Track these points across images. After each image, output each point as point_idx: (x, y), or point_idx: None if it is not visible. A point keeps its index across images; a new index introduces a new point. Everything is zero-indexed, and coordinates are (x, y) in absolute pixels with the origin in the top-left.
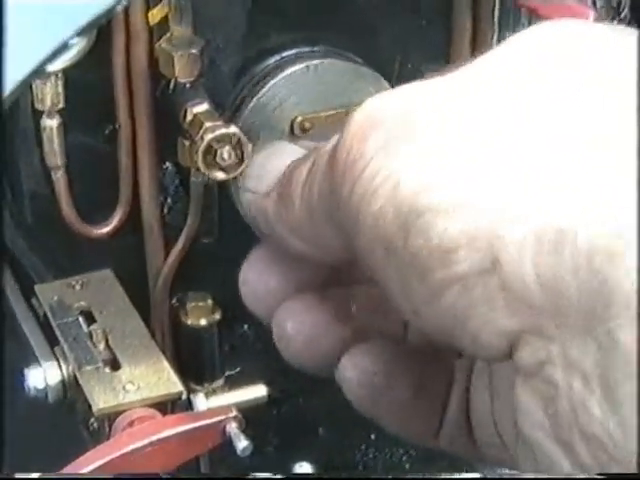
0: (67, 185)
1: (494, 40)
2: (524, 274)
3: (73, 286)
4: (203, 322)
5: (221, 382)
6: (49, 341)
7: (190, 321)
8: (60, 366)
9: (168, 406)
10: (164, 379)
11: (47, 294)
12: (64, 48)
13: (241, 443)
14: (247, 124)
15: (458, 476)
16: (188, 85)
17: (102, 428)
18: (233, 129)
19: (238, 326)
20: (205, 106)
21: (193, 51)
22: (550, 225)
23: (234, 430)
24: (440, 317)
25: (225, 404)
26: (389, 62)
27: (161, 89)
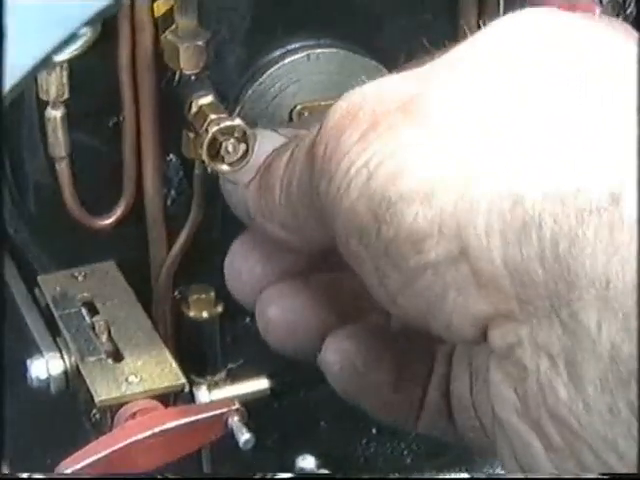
0: (71, 176)
1: None
2: (492, 261)
3: (76, 277)
4: (205, 314)
5: (223, 375)
6: (52, 332)
7: (192, 313)
8: (63, 357)
9: (170, 398)
10: (166, 371)
11: (50, 285)
12: (72, 38)
13: (243, 436)
14: (246, 112)
15: (456, 476)
16: (193, 77)
17: (104, 419)
18: (238, 121)
19: (240, 319)
20: (210, 98)
21: (198, 43)
22: (516, 212)
23: (236, 423)
24: (415, 304)
25: (227, 397)
26: (395, 57)
27: (166, 81)
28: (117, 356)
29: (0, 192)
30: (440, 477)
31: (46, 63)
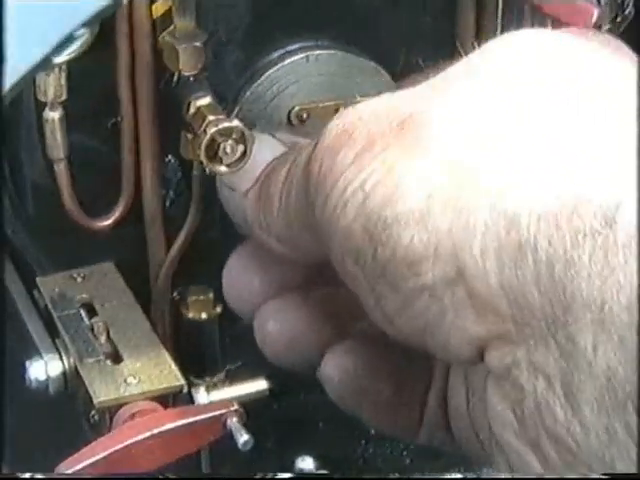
0: (69, 177)
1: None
2: (488, 283)
3: (75, 278)
4: (204, 316)
5: (222, 376)
6: (50, 333)
7: (191, 315)
8: (61, 358)
9: (169, 399)
10: (165, 372)
11: (49, 286)
12: (70, 40)
13: (242, 437)
14: (244, 113)
15: (455, 476)
16: (191, 78)
17: (103, 421)
18: (236, 123)
19: (239, 320)
20: (208, 99)
21: (196, 44)
22: (511, 234)
23: (235, 424)
24: (412, 325)
25: (226, 398)
26: (394, 58)
27: (164, 82)
28: (116, 357)
29: (1, 198)
30: (437, 477)
31: (44, 64)
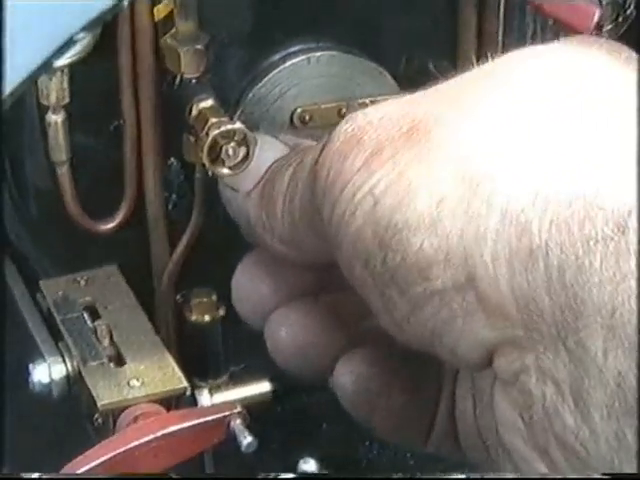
0: (72, 180)
1: (499, 37)
2: (499, 288)
3: (78, 282)
4: (207, 318)
5: (225, 378)
6: (54, 336)
7: (194, 317)
8: (65, 361)
9: (172, 402)
10: (169, 375)
11: (52, 289)
12: (71, 43)
13: (245, 439)
14: (247, 116)
15: (459, 476)
16: (194, 81)
17: (106, 423)
18: (238, 125)
19: (242, 322)
20: (210, 102)
21: (198, 47)
22: (523, 240)
23: (238, 426)
24: (421, 330)
25: (229, 400)
26: (395, 59)
27: (166, 85)
28: (119, 360)
29: (1, 198)
30: (441, 477)
31: (45, 68)
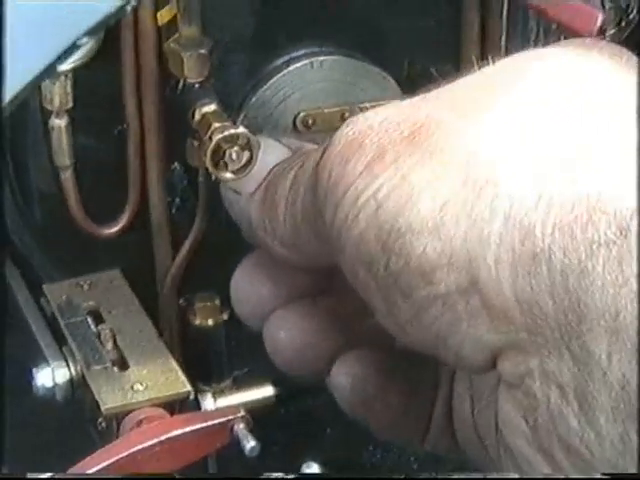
0: (75, 185)
1: (503, 41)
2: (503, 292)
3: (81, 286)
4: (211, 322)
5: (229, 382)
6: (57, 341)
7: (198, 321)
8: (68, 365)
9: (176, 406)
10: (172, 379)
11: (55, 294)
12: (74, 48)
13: (249, 443)
14: (250, 120)
15: (461, 476)
16: (197, 85)
17: (110, 428)
18: (241, 129)
19: (246, 326)
20: (214, 106)
21: (202, 51)
22: (526, 244)
23: (242, 430)
24: (424, 333)
25: (233, 404)
26: (398, 63)
27: (170, 89)
28: (123, 364)
29: (1, 198)
30: (443, 477)
31: (48, 73)
